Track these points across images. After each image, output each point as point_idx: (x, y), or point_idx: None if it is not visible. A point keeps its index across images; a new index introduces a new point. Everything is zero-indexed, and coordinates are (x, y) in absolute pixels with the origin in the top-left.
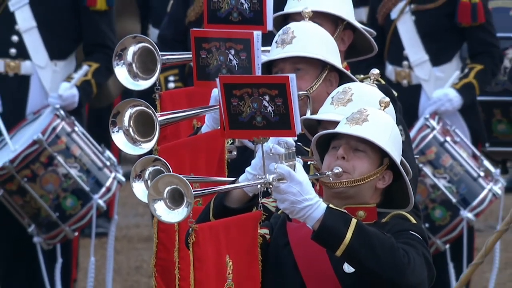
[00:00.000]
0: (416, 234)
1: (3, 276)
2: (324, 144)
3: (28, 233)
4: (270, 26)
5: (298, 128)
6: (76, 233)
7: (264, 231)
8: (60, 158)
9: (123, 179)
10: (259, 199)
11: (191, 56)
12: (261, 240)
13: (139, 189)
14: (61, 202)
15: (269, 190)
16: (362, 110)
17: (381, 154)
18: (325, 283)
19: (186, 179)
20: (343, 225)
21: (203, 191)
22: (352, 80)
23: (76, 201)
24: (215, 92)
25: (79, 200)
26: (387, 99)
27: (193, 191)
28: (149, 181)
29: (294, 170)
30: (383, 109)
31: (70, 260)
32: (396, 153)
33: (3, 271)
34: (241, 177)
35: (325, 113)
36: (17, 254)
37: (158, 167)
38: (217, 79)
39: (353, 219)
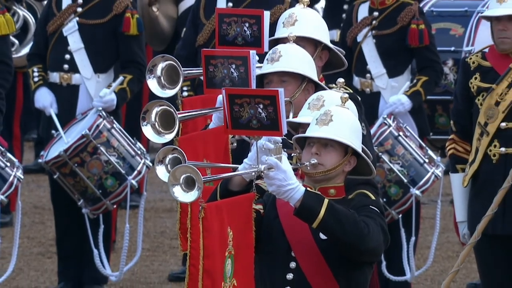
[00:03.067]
0: (375, 208)
1: (59, 239)
2: (303, 139)
3: (78, 206)
4: (266, 48)
5: (285, 130)
6: (115, 206)
7: (259, 206)
8: (102, 148)
9: (150, 164)
10: (253, 183)
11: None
12: (255, 215)
13: (161, 172)
14: (103, 182)
15: (261, 176)
16: (327, 112)
17: (346, 145)
18: (306, 247)
19: (197, 166)
20: (318, 204)
21: (210, 178)
22: (324, 89)
23: (115, 181)
24: (220, 98)
25: (117, 180)
26: (346, 95)
27: (203, 178)
28: (169, 166)
29: (280, 162)
30: (344, 103)
31: (110, 226)
32: (357, 142)
33: (59, 235)
34: (240, 166)
35: (303, 116)
36: (70, 222)
37: (176, 155)
38: (223, 90)
39: (325, 199)
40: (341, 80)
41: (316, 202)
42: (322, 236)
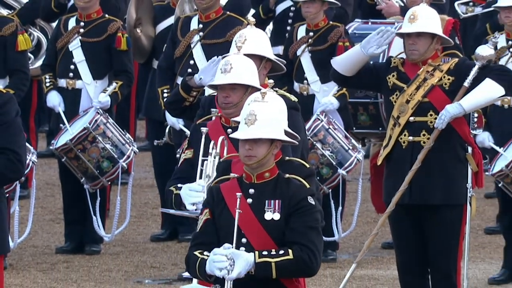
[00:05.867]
0: (311, 199)
1: (65, 208)
2: None
3: (81, 183)
4: None
5: None
6: (109, 183)
7: (206, 211)
8: (100, 138)
9: (137, 150)
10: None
11: None
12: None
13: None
14: (100, 164)
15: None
16: (252, 112)
17: None
18: (253, 226)
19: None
20: (268, 272)
21: None
22: None
23: (109, 163)
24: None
25: (111, 163)
26: (265, 91)
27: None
28: None
29: (233, 266)
30: (263, 98)
31: (105, 198)
32: (279, 129)
33: (65, 205)
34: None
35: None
36: (74, 195)
37: None
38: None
39: (272, 264)
40: (271, 81)
41: (266, 271)
42: (267, 217)
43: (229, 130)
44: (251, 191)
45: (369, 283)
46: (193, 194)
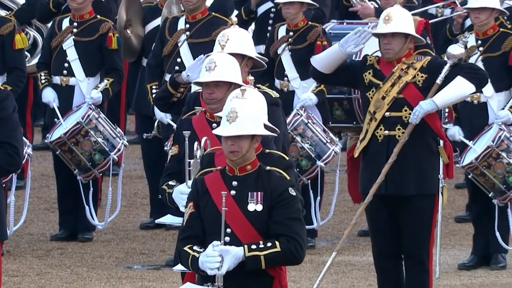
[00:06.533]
0: (292, 191)
1: (59, 198)
2: None
3: (74, 174)
4: None
5: None
6: (101, 174)
7: (190, 204)
8: (92, 132)
9: (127, 143)
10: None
11: None
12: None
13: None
14: (92, 157)
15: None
16: (233, 109)
17: None
18: (236, 217)
19: None
20: (258, 264)
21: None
22: None
23: (101, 156)
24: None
25: (102, 155)
26: (244, 88)
27: None
28: None
29: (221, 265)
30: (243, 95)
31: (97, 189)
32: (259, 124)
33: (59, 195)
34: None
35: None
36: (67, 186)
37: None
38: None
39: (261, 257)
40: (251, 77)
41: (255, 264)
42: (250, 208)
43: (214, 125)
44: (234, 183)
45: (346, 269)
46: (184, 197)
